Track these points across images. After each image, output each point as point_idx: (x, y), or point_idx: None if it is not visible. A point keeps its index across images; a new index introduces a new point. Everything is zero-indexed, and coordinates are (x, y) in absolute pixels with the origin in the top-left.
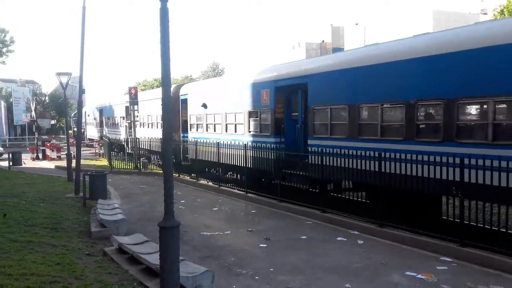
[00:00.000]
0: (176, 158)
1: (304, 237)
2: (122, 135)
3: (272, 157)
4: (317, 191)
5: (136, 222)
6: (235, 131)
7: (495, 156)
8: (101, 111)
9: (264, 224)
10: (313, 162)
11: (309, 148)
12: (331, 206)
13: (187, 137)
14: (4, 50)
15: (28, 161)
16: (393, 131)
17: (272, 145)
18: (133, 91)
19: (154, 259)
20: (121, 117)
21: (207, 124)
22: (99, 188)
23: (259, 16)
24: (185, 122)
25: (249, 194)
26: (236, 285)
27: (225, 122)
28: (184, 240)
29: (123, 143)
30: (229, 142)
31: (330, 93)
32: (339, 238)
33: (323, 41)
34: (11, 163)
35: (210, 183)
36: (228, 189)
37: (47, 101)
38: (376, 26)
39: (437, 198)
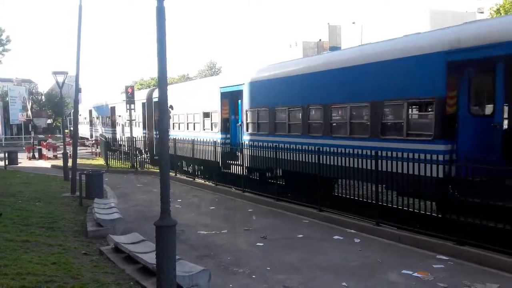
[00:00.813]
0: (150, 152)
1: (301, 235)
2: (118, 134)
3: (217, 150)
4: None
5: (132, 221)
6: (194, 129)
7: None
8: (97, 109)
9: (261, 223)
10: (245, 153)
11: (243, 142)
12: (328, 205)
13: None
14: (0, 49)
15: (24, 161)
16: (296, 127)
17: (221, 140)
18: (129, 90)
19: (150, 258)
20: (118, 116)
21: (173, 123)
22: (95, 187)
23: (256, 14)
24: (157, 121)
25: (246, 193)
26: (233, 284)
27: (187, 121)
28: (180, 239)
29: (120, 142)
30: (189, 138)
31: (257, 98)
32: (335, 237)
33: (320, 39)
34: (7, 163)
35: (207, 182)
36: (225, 188)
37: (43, 100)
38: (373, 25)
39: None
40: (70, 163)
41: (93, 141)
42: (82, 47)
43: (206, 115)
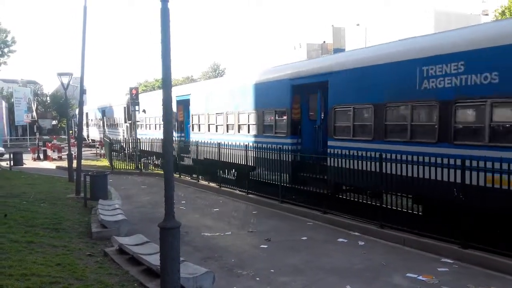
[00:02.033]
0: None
1: (305, 238)
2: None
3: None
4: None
5: (137, 222)
6: (160, 129)
7: None
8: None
9: (265, 225)
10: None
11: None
12: (332, 207)
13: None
14: (6, 50)
15: (29, 162)
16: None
17: (176, 138)
18: (134, 91)
19: (154, 260)
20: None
21: (145, 124)
22: (100, 189)
23: (260, 16)
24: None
25: (250, 195)
26: (237, 286)
27: (154, 123)
28: (185, 241)
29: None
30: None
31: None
32: (340, 239)
33: (324, 41)
34: (12, 163)
35: (211, 184)
36: (229, 189)
37: (48, 101)
38: (378, 26)
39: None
40: (74, 164)
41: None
42: (87, 49)
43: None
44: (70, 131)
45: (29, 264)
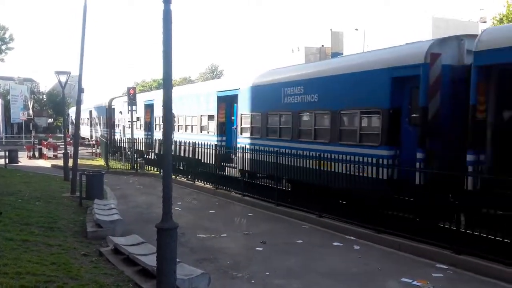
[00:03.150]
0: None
1: (300, 241)
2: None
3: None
4: None
5: (132, 223)
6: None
7: None
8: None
9: (260, 227)
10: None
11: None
12: (328, 211)
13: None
14: (3, 47)
15: (24, 160)
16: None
17: (145, 137)
18: (131, 91)
19: (150, 261)
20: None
21: (123, 125)
22: (95, 188)
23: (259, 18)
24: (114, 123)
25: (246, 197)
26: None
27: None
28: (180, 242)
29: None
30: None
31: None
32: (335, 243)
33: (322, 45)
34: (7, 161)
35: (207, 185)
36: (224, 191)
37: (45, 99)
38: (376, 31)
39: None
40: (70, 163)
41: (93, 142)
42: (85, 47)
43: (138, 119)
44: (66, 130)
45: (24, 263)
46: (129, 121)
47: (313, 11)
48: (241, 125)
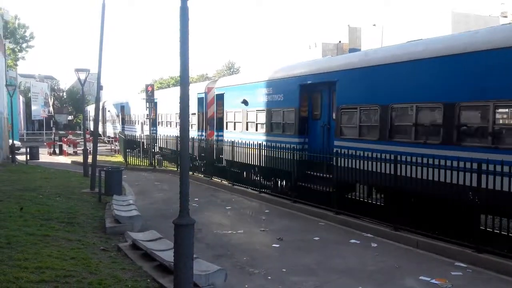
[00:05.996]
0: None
1: (317, 238)
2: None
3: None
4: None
5: (150, 218)
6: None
7: None
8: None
9: (277, 224)
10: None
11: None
12: (345, 208)
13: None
14: (24, 45)
15: (45, 156)
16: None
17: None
18: (149, 88)
19: (167, 256)
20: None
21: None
22: (114, 184)
23: (275, 15)
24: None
25: (262, 194)
26: (249, 285)
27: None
28: (197, 238)
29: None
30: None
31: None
32: (352, 241)
33: (340, 41)
34: (28, 158)
35: (224, 182)
36: (241, 188)
37: (65, 96)
38: (394, 27)
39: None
40: (90, 160)
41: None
42: (104, 45)
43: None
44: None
45: (44, 257)
46: (147, 118)
47: (330, 6)
48: (340, 123)
